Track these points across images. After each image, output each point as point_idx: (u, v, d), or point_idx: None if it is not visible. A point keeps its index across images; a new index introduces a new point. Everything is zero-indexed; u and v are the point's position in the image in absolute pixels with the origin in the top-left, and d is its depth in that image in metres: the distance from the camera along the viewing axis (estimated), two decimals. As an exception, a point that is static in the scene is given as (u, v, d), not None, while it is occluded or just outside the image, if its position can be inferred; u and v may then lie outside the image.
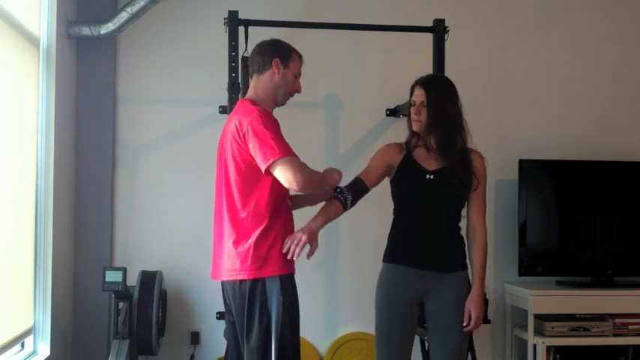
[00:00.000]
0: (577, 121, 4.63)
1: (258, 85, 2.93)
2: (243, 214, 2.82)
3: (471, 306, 2.98)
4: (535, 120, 4.61)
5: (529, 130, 4.60)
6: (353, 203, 3.02)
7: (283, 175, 2.74)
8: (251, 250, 2.79)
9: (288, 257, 2.79)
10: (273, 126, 2.79)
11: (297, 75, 2.97)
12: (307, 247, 2.84)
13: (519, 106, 4.61)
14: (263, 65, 2.91)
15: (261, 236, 2.80)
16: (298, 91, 3.00)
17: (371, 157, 3.15)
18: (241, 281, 2.82)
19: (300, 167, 2.76)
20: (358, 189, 3.04)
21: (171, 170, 4.36)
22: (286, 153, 2.75)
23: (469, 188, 3.01)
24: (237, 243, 2.82)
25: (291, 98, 3.01)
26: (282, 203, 2.85)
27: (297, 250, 2.78)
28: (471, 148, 3.07)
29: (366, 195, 3.09)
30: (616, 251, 4.49)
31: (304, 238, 2.79)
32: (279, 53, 2.91)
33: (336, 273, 4.46)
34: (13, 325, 3.48)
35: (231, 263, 2.83)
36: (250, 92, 2.95)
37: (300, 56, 2.98)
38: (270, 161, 2.73)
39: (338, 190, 3.00)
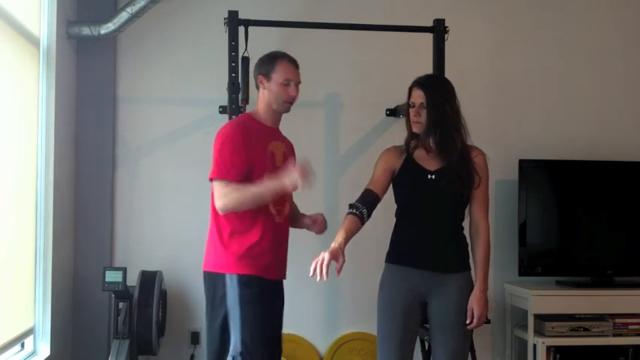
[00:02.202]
0: (577, 121, 4.63)
1: (258, 100, 3.10)
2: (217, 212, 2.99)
3: (474, 303, 2.95)
4: (535, 120, 4.61)
5: (529, 130, 4.60)
6: (369, 216, 3.00)
7: (215, 196, 2.94)
8: (219, 246, 2.96)
9: (317, 280, 2.77)
10: (229, 143, 2.92)
11: (285, 82, 2.99)
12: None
13: (519, 106, 4.61)
14: (256, 83, 3.08)
15: (231, 234, 2.95)
16: (292, 97, 3.02)
17: (374, 166, 3.13)
18: (207, 273, 3.01)
19: (222, 193, 2.90)
20: (370, 201, 3.01)
21: (171, 170, 4.36)
22: (217, 175, 2.91)
23: (471, 186, 3.00)
24: (210, 237, 3.03)
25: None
26: (259, 209, 2.94)
27: (324, 269, 2.72)
28: (471, 145, 3.06)
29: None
30: (616, 251, 4.49)
31: (327, 256, 2.76)
32: (261, 69, 3.05)
33: (337, 273, 4.46)
34: (13, 325, 3.47)
35: (205, 256, 3.03)
36: (256, 107, 3.11)
37: (287, 60, 3.02)
38: (209, 178, 2.95)
39: (352, 205, 3.00)
